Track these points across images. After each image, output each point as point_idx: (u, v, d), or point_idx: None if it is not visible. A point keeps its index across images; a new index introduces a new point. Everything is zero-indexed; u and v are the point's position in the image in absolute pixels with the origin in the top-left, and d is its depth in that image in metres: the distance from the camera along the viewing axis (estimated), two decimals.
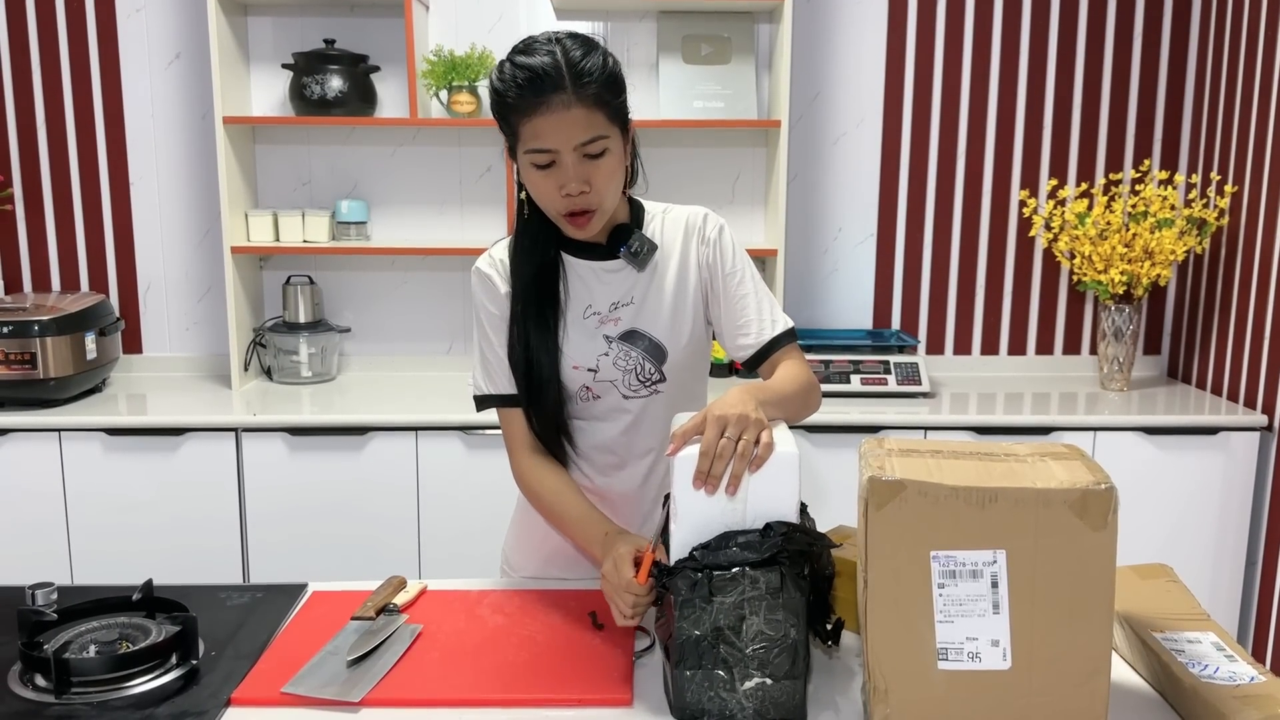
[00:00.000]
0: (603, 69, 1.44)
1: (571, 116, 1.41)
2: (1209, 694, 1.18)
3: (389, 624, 1.45)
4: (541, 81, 1.40)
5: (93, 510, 2.75)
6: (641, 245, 1.55)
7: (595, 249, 1.58)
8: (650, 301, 1.59)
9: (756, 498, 1.25)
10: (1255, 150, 2.91)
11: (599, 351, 1.58)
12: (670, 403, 1.62)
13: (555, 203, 1.47)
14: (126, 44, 3.16)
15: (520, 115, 1.43)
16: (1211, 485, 2.82)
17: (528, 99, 1.41)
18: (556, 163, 1.44)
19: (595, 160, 1.45)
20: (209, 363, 3.31)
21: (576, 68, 1.41)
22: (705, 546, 1.23)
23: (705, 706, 1.23)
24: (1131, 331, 3.08)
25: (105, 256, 3.27)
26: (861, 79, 3.24)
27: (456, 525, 2.79)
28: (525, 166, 1.47)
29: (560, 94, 1.40)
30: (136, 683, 1.29)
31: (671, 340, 1.59)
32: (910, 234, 3.32)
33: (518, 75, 1.42)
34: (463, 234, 3.30)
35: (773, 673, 1.20)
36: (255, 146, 3.22)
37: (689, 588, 1.21)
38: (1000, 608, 1.12)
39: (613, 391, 1.60)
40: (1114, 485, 1.10)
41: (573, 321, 1.58)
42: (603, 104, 1.44)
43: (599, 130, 1.44)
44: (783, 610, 1.20)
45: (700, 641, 1.21)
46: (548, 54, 1.42)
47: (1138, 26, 3.22)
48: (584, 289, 1.59)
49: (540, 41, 1.45)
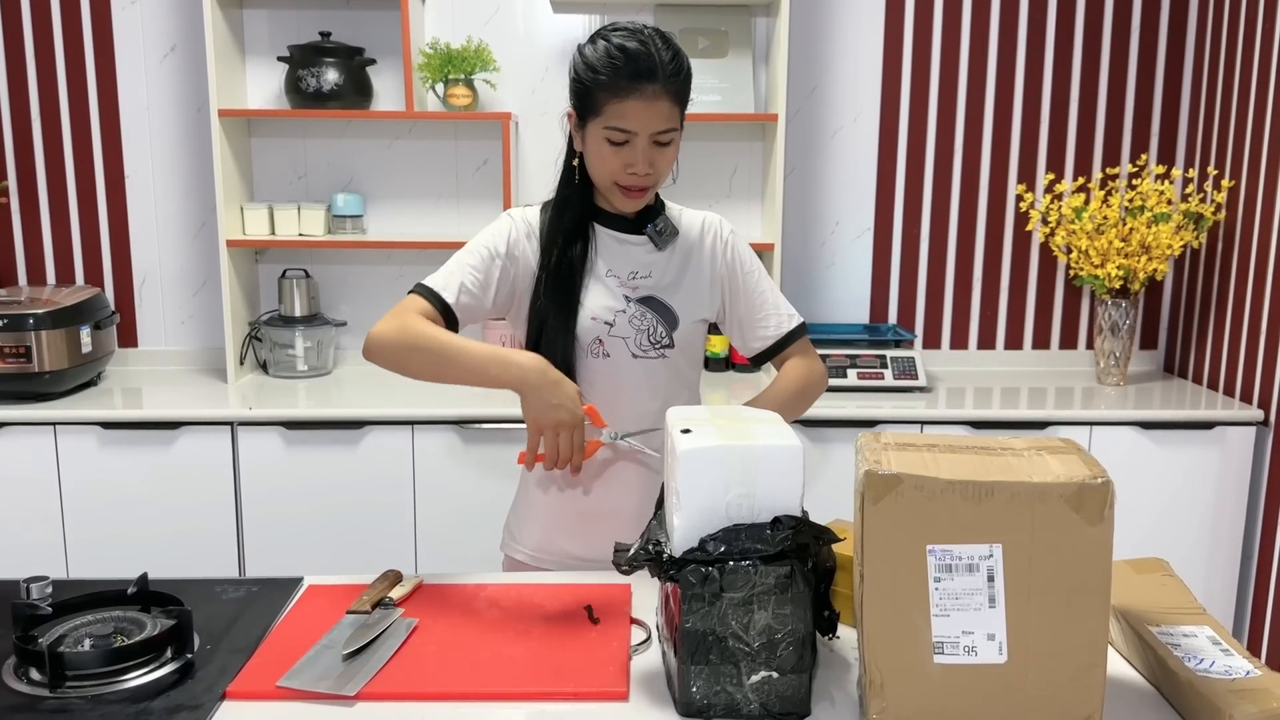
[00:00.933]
0: (686, 69, 1.60)
1: (656, 107, 1.56)
2: (1205, 688, 1.18)
3: (384, 618, 1.45)
4: (638, 68, 1.54)
5: (88, 504, 2.74)
6: (666, 226, 1.71)
7: (622, 221, 1.71)
8: (667, 278, 1.72)
9: (762, 491, 1.25)
10: (1252, 145, 2.90)
11: (617, 308, 1.69)
12: (671, 377, 1.72)
13: (618, 175, 1.61)
14: (121, 36, 3.15)
15: (609, 94, 1.55)
16: (1207, 480, 2.83)
17: (622, 81, 1.54)
18: (630, 143, 1.58)
19: (663, 148, 1.60)
20: (204, 356, 3.30)
21: (669, 64, 1.56)
22: (714, 538, 1.22)
23: (711, 701, 1.22)
24: (1128, 326, 3.08)
25: (100, 250, 3.26)
26: (859, 73, 3.24)
27: (452, 519, 2.79)
28: (596, 138, 1.59)
29: (653, 84, 1.54)
30: (131, 676, 1.29)
31: (683, 312, 1.71)
32: (907, 228, 3.32)
33: (615, 56, 1.54)
34: (459, 227, 3.29)
35: (780, 666, 1.20)
36: (251, 139, 3.22)
37: (699, 582, 1.20)
38: (996, 602, 1.12)
39: (622, 349, 1.69)
40: (1110, 480, 1.10)
41: (595, 278, 1.69)
42: (680, 101, 1.60)
43: (673, 123, 1.59)
44: (791, 604, 1.20)
45: (708, 636, 1.20)
46: (646, 44, 1.55)
47: (1135, 21, 3.22)
48: (608, 253, 1.71)
49: (635, 30, 1.58)
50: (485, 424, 2.75)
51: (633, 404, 1.69)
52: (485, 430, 2.75)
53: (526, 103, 3.23)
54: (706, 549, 1.22)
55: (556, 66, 3.22)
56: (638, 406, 1.69)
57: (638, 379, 1.70)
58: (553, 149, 3.25)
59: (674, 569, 1.23)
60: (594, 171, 1.64)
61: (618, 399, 1.69)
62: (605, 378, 1.69)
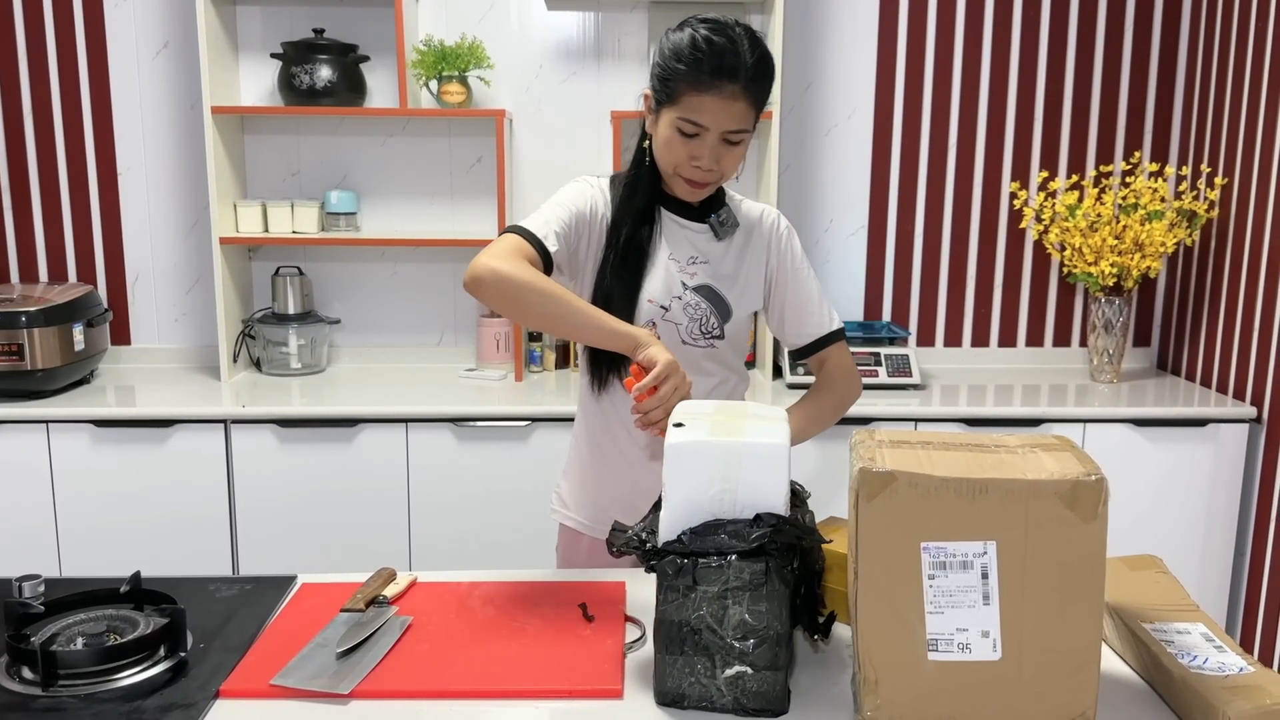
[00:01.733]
0: (770, 74, 1.59)
1: (733, 107, 1.55)
2: (1198, 685, 1.18)
3: (379, 616, 1.45)
4: (721, 65, 1.53)
5: (81, 502, 2.74)
6: (729, 218, 1.73)
7: (687, 208, 1.73)
8: (724, 268, 1.74)
9: (745, 488, 1.25)
10: (1245, 143, 2.91)
11: (674, 294, 1.71)
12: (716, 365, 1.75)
13: (682, 166, 1.62)
14: (114, 33, 3.14)
15: (687, 85, 1.55)
16: (1201, 477, 2.83)
17: (703, 75, 1.53)
18: (700, 137, 1.58)
19: (732, 146, 1.60)
20: (198, 354, 3.30)
21: (754, 67, 1.54)
22: (694, 532, 1.23)
23: (685, 692, 1.23)
24: (1121, 323, 3.09)
25: (93, 247, 3.25)
26: (853, 71, 3.24)
27: (447, 517, 2.78)
28: (668, 125, 1.60)
29: (734, 84, 1.53)
30: (124, 675, 1.29)
31: (736, 305, 1.74)
32: (901, 226, 3.32)
33: (700, 49, 1.53)
34: (453, 224, 3.29)
35: (753, 663, 1.21)
36: (244, 136, 3.21)
37: (674, 573, 1.22)
38: (990, 599, 1.12)
39: (673, 334, 1.71)
40: (1104, 477, 1.10)
41: (656, 262, 1.71)
42: (758, 104, 1.59)
43: (747, 124, 1.59)
44: (766, 602, 1.20)
45: (682, 627, 1.22)
46: (735, 41, 1.54)
47: (1129, 19, 3.22)
48: (671, 237, 1.73)
49: (728, 25, 1.56)
50: (479, 421, 2.74)
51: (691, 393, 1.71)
52: (480, 428, 2.75)
53: (521, 100, 3.23)
54: (683, 541, 1.22)
55: (550, 64, 3.21)
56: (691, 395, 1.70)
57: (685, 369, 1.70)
58: (547, 146, 3.25)
59: (655, 559, 1.24)
60: (660, 157, 1.65)
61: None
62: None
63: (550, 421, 2.76)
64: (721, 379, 1.79)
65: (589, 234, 1.70)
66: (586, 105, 3.24)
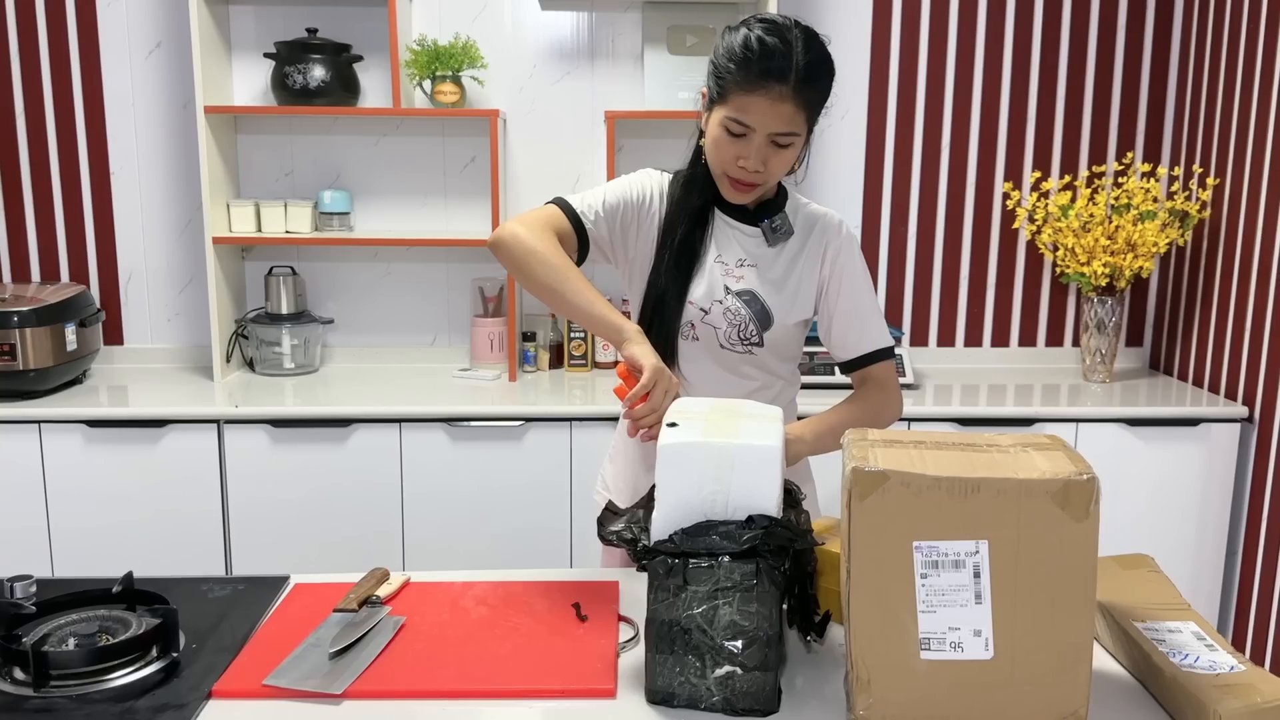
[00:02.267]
0: (824, 77, 1.56)
1: (780, 109, 1.53)
2: (1189, 683, 1.18)
3: (372, 616, 1.44)
4: (770, 66, 1.51)
5: (73, 502, 2.73)
6: (783, 224, 1.70)
7: (741, 211, 1.72)
8: (772, 273, 1.71)
9: (738, 489, 1.25)
10: (1237, 143, 2.92)
11: (715, 297, 1.70)
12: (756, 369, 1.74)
13: (728, 166, 1.61)
14: (106, 32, 3.13)
15: (736, 85, 1.54)
16: (1192, 476, 2.84)
17: (751, 76, 1.52)
18: (747, 137, 1.56)
19: (780, 149, 1.58)
20: (190, 354, 3.29)
21: (805, 69, 1.52)
22: (685, 532, 1.23)
23: (675, 690, 1.23)
24: (1114, 323, 3.09)
25: (86, 247, 3.24)
26: (846, 71, 3.24)
27: (441, 517, 2.78)
28: (717, 124, 1.59)
29: (782, 85, 1.51)
30: (116, 675, 1.28)
31: (779, 313, 1.71)
32: (894, 226, 3.33)
33: (750, 48, 1.52)
34: (446, 224, 3.28)
35: (743, 663, 1.21)
36: (237, 136, 3.20)
37: (665, 572, 1.22)
38: (982, 598, 1.12)
39: (711, 337, 1.70)
40: (1096, 476, 1.10)
41: (704, 264, 1.70)
42: (809, 107, 1.56)
43: (795, 128, 1.56)
44: (756, 603, 1.20)
45: (673, 627, 1.22)
46: (781, 40, 1.52)
47: (1121, 20, 3.23)
48: (721, 238, 1.72)
49: (784, 27, 1.54)
50: (473, 422, 2.74)
51: (711, 387, 1.72)
52: (474, 428, 2.75)
53: (514, 99, 3.23)
54: (675, 541, 1.23)
55: (544, 63, 3.21)
56: (714, 390, 1.71)
57: (717, 367, 1.73)
58: (540, 146, 3.25)
59: (646, 557, 1.24)
60: (709, 156, 1.65)
61: (698, 380, 1.72)
62: (688, 360, 1.73)
63: (544, 421, 2.75)
64: (763, 383, 1.76)
65: (638, 223, 1.71)
66: (580, 105, 3.24)
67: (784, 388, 1.80)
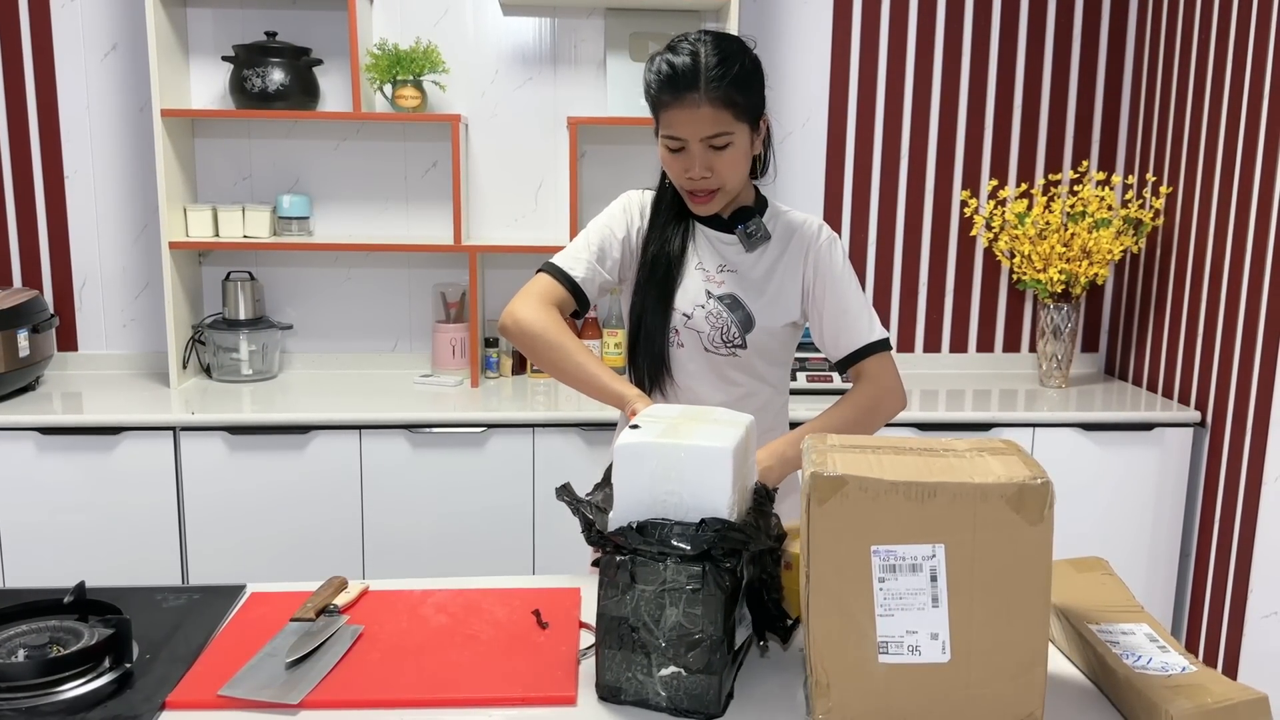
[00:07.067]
0: (734, 73, 1.61)
1: (700, 114, 1.61)
2: (1142, 684, 1.20)
3: (329, 625, 1.43)
4: (677, 80, 1.61)
5: (25, 511, 2.68)
6: (758, 229, 1.76)
7: (719, 221, 1.79)
8: (753, 276, 1.77)
9: (690, 491, 1.26)
10: (1189, 152, 2.97)
11: (697, 302, 1.76)
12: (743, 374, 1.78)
13: (680, 180, 1.71)
14: (60, 34, 3.08)
15: (661, 105, 1.65)
16: (1146, 480, 2.89)
17: (666, 94, 1.62)
18: (685, 150, 1.65)
19: (720, 151, 1.65)
20: (146, 360, 3.24)
21: (710, 71, 1.60)
22: (640, 530, 1.23)
23: (623, 686, 1.25)
24: (1070, 329, 3.14)
25: (39, 251, 3.19)
26: (807, 78, 3.27)
27: (402, 525, 2.76)
28: (661, 146, 1.69)
29: (692, 93, 1.60)
30: (68, 687, 1.26)
31: (761, 316, 1.76)
32: (855, 233, 3.35)
33: (660, 71, 1.63)
34: (407, 230, 3.27)
35: (688, 665, 1.21)
36: (194, 140, 3.17)
37: (614, 568, 1.22)
38: (939, 601, 1.13)
39: (696, 342, 1.77)
40: (1050, 480, 1.11)
41: (686, 271, 1.78)
42: (731, 104, 1.61)
43: (724, 127, 1.63)
44: (702, 606, 1.21)
45: (621, 623, 1.23)
46: (689, 55, 1.61)
47: (1076, 30, 3.28)
48: (701, 247, 1.79)
49: (686, 42, 1.64)
50: (434, 428, 2.73)
51: (701, 393, 1.78)
52: (435, 434, 2.73)
53: (476, 104, 3.22)
54: (624, 533, 1.23)
55: (506, 68, 3.21)
56: (705, 396, 1.78)
57: (706, 372, 1.78)
58: (503, 151, 3.24)
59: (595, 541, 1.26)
60: (669, 177, 1.75)
61: (690, 386, 1.79)
62: (677, 366, 1.79)
63: (506, 428, 2.74)
64: (749, 390, 1.80)
65: (626, 250, 1.79)
66: (543, 110, 3.23)
67: (772, 396, 1.84)
